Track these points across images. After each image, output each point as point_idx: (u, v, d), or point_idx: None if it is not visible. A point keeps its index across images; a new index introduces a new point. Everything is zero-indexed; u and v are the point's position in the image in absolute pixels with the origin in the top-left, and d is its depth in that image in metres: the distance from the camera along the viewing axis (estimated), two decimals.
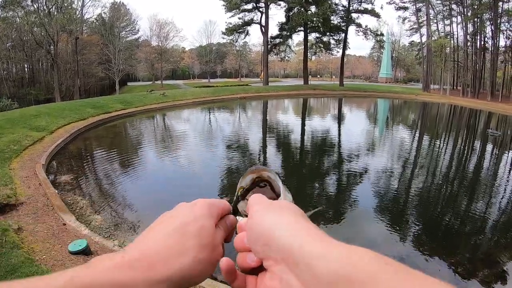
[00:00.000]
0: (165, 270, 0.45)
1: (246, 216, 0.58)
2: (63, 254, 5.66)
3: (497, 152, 17.62)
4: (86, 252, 5.69)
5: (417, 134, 22.47)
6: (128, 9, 64.32)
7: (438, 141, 20.20)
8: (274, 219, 0.48)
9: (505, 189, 11.33)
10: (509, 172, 13.78)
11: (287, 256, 0.41)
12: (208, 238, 0.53)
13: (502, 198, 10.46)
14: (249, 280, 0.52)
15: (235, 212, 0.66)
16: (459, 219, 8.88)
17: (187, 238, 0.51)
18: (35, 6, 43.97)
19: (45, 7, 44.62)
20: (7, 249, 5.48)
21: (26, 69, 51.05)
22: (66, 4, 47.17)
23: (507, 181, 12.28)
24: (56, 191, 8.84)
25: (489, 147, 18.70)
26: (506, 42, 46.01)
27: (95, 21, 58.91)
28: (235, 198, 0.68)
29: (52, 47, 45.13)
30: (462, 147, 19.18)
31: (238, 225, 0.59)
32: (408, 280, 0.32)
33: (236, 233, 0.58)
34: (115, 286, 0.41)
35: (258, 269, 0.51)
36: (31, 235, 6.24)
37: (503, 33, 45.40)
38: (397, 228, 8.06)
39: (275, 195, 0.71)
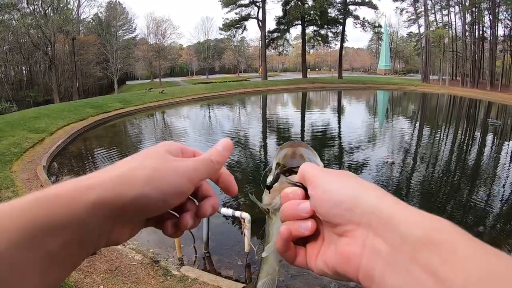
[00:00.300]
0: (96, 179, 0.42)
1: (297, 185, 0.54)
2: None
3: (498, 141, 17.58)
4: None
5: (417, 125, 22.43)
6: (124, 7, 64.26)
7: (439, 131, 20.16)
8: (353, 185, 0.46)
9: (506, 178, 11.31)
10: (511, 161, 13.77)
11: (375, 219, 0.41)
12: (154, 153, 0.49)
13: (504, 187, 10.45)
14: (300, 252, 0.51)
15: (270, 187, 0.61)
16: (461, 209, 8.87)
17: (135, 157, 0.48)
18: (31, 8, 43.96)
19: (41, 9, 44.58)
20: None
21: (24, 72, 50.99)
22: (62, 5, 47.14)
23: (509, 170, 12.27)
24: None
25: (489, 136, 18.66)
26: (504, 31, 46.04)
27: (91, 21, 58.79)
28: (275, 174, 0.61)
29: (49, 48, 45.06)
30: (463, 137, 19.15)
31: (283, 195, 0.55)
32: (483, 249, 0.35)
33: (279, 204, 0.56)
34: (92, 203, 0.39)
35: (305, 239, 0.51)
36: None
37: (502, 22, 45.40)
38: None
39: None
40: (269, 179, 0.63)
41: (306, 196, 0.51)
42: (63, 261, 0.39)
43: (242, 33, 58.65)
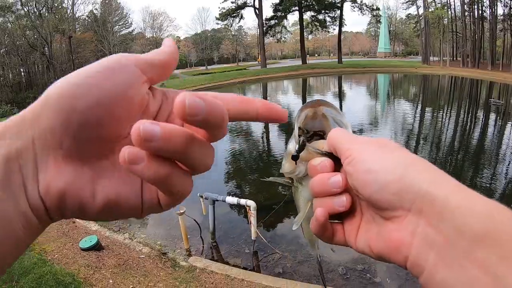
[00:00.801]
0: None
1: (326, 154, 0.49)
2: (75, 251, 5.68)
3: (501, 121, 17.52)
4: (97, 248, 5.71)
5: (419, 107, 22.38)
6: (119, 3, 63.88)
7: (441, 113, 20.10)
8: (399, 161, 0.41)
9: (510, 157, 11.29)
10: None
11: (427, 207, 0.36)
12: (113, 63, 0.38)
13: (507, 167, 10.43)
14: (337, 229, 0.48)
15: (297, 157, 0.53)
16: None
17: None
18: (26, 10, 43.83)
19: (35, 10, 44.45)
20: None
21: (22, 74, 50.88)
22: (56, 4, 46.95)
23: None
24: None
25: (492, 116, 18.59)
26: (504, 10, 45.66)
27: (87, 18, 58.64)
28: (300, 142, 0.53)
29: (46, 48, 45.02)
30: (465, 118, 19.10)
31: (310, 167, 0.50)
32: None
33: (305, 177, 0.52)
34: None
35: (340, 214, 0.47)
36: (42, 236, 6.24)
37: (501, 1, 45.02)
38: None
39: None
40: (290, 146, 0.56)
41: (336, 167, 0.47)
42: None
43: (239, 22, 58.66)
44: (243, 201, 5.53)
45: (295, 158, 0.53)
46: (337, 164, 0.47)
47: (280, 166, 0.58)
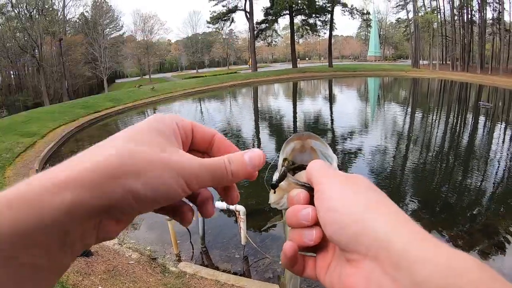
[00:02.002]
0: (67, 172, 0.35)
1: (304, 186, 0.48)
2: None
3: (489, 123, 17.72)
4: (86, 254, 5.66)
5: (409, 110, 22.53)
6: (110, 5, 63.62)
7: (431, 115, 20.28)
8: (362, 203, 0.40)
9: (499, 159, 11.42)
10: (503, 143, 13.89)
11: (383, 254, 0.35)
12: (154, 131, 0.42)
13: (497, 168, 10.55)
14: (308, 263, 0.46)
15: (275, 186, 0.54)
16: (456, 192, 8.94)
17: (116, 136, 0.41)
18: (16, 11, 43.43)
19: (26, 11, 44.06)
20: None
21: (12, 76, 50.49)
22: (47, 6, 46.60)
23: (501, 151, 12.38)
24: None
25: (481, 119, 18.80)
26: (493, 14, 46.11)
27: (77, 21, 58.29)
28: (281, 172, 0.54)
29: (36, 51, 44.56)
30: (455, 121, 19.29)
31: (289, 198, 0.49)
32: None
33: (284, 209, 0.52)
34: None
35: (315, 247, 0.45)
36: None
37: (490, 6, 45.49)
38: (396, 203, 8.08)
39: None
40: (275, 176, 0.55)
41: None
42: (44, 270, 0.33)
43: (230, 26, 58.69)
44: (232, 206, 5.53)
45: (273, 187, 0.54)
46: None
47: (272, 172, 0.58)
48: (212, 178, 0.44)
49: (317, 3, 50.75)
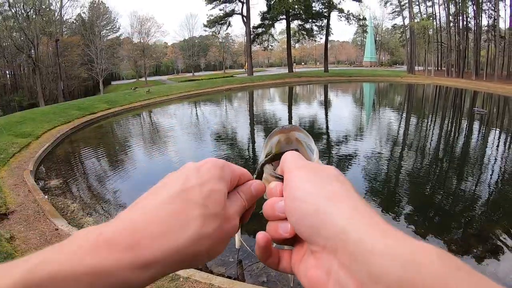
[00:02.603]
0: (154, 250, 0.36)
1: (279, 178, 0.49)
2: None
3: (484, 129, 17.82)
4: None
5: (404, 116, 22.60)
6: (108, 7, 63.61)
7: (426, 121, 20.35)
8: (324, 193, 0.39)
9: (493, 165, 11.48)
10: (497, 149, 13.96)
11: (341, 246, 0.34)
12: (218, 206, 0.43)
13: (491, 175, 10.60)
14: (284, 255, 0.45)
15: (260, 177, 0.55)
16: (450, 197, 8.97)
17: (188, 207, 0.41)
18: (13, 11, 43.28)
19: (23, 11, 43.93)
20: (0, 260, 5.41)
21: (7, 76, 50.27)
22: (44, 7, 46.49)
23: (495, 157, 12.45)
24: (46, 196, 8.75)
25: (476, 125, 18.90)
26: (488, 21, 46.51)
27: (74, 22, 58.21)
28: (261, 162, 0.57)
29: (32, 51, 44.42)
30: (449, 127, 19.36)
31: (268, 190, 0.50)
32: None
33: (265, 199, 0.50)
34: (84, 275, 0.32)
35: (292, 240, 0.44)
36: (24, 243, 6.18)
37: (485, 13, 45.89)
38: (390, 209, 8.12)
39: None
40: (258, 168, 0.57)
41: None
42: None
43: (226, 30, 58.61)
44: None
45: (258, 178, 0.55)
46: None
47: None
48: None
49: (313, 8, 50.90)
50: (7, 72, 50.14)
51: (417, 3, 54.60)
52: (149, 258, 0.35)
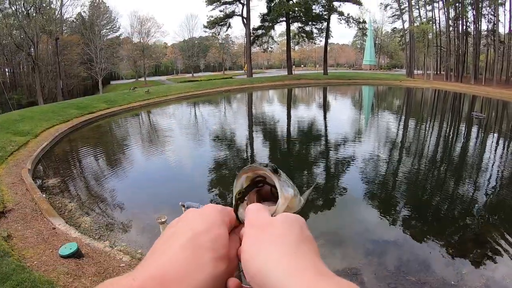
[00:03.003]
0: None
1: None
2: (54, 258, 5.61)
3: (482, 134, 17.87)
4: (77, 255, 5.65)
5: (403, 119, 22.64)
6: (108, 6, 63.57)
7: (425, 125, 20.39)
8: (268, 256, 0.44)
9: (491, 169, 11.52)
10: (495, 153, 14.01)
11: None
12: (224, 249, 0.49)
13: (489, 178, 10.64)
14: None
15: (237, 218, 0.60)
16: (448, 201, 8.99)
17: (202, 251, 0.46)
18: (13, 9, 43.16)
19: (23, 9, 43.83)
20: None
21: (7, 73, 50.13)
22: (44, 5, 46.39)
23: (493, 161, 12.49)
24: (44, 195, 8.76)
25: (474, 129, 18.96)
26: (488, 26, 46.59)
27: (74, 21, 58.12)
28: (234, 204, 0.62)
29: (32, 49, 44.28)
30: (448, 130, 19.41)
31: (240, 234, 0.55)
32: None
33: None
34: None
35: None
36: (21, 242, 6.19)
37: (485, 17, 45.97)
38: (388, 212, 8.14)
39: (275, 192, 0.63)
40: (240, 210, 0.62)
41: None
42: None
43: (226, 31, 58.57)
44: None
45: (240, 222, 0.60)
46: None
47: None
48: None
49: (314, 11, 50.85)
50: (6, 70, 49.97)
51: (417, 7, 54.74)
52: None
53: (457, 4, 46.81)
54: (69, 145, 16.55)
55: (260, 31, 54.90)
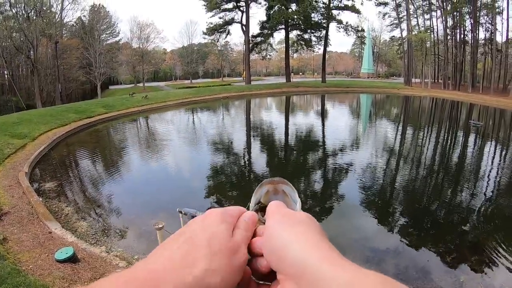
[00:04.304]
0: (167, 282, 0.43)
1: (264, 223, 0.58)
2: (50, 262, 5.58)
3: (480, 142, 17.92)
4: (73, 260, 5.62)
5: (401, 128, 22.70)
6: (108, 11, 63.68)
7: (422, 133, 20.44)
8: (289, 234, 0.48)
9: (488, 177, 11.53)
10: (493, 161, 14.03)
11: (299, 273, 0.41)
12: (220, 244, 0.50)
13: (486, 186, 10.65)
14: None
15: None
16: (445, 208, 8.98)
17: (195, 249, 0.49)
18: (14, 11, 43.19)
19: (23, 12, 43.86)
20: None
21: (6, 76, 50.05)
22: (45, 8, 46.43)
23: (491, 169, 12.51)
24: (41, 199, 8.72)
25: (472, 137, 19.02)
26: (485, 34, 46.81)
27: (74, 25, 58.12)
28: (252, 208, 0.68)
29: (31, 52, 44.27)
30: (446, 138, 19.46)
31: (256, 230, 0.58)
32: None
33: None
34: None
35: (271, 277, 0.51)
36: (17, 245, 6.15)
37: (482, 26, 46.18)
38: (386, 220, 8.13)
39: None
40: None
41: None
42: None
43: (226, 38, 58.88)
44: None
45: None
46: None
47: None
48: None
49: (312, 19, 51.09)
50: (6, 72, 49.89)
51: (415, 16, 55.03)
52: None
53: (455, 13, 47.06)
54: (67, 149, 16.50)
55: (259, 39, 55.04)
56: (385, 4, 56.93)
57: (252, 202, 0.69)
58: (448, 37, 50.74)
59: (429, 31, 53.29)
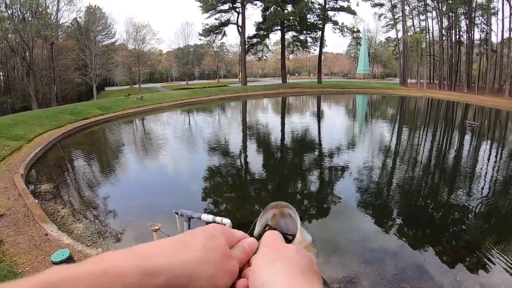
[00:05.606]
0: (162, 261, 0.45)
1: None
2: (47, 265, 5.56)
3: (475, 142, 17.98)
4: (69, 262, 5.59)
5: (397, 128, 22.73)
6: (104, 12, 63.61)
7: (418, 133, 20.49)
8: (270, 272, 0.50)
9: (484, 177, 11.57)
10: (488, 160, 14.07)
11: None
12: (218, 243, 0.54)
13: (482, 186, 10.67)
14: None
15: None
16: (441, 209, 9.00)
17: (194, 242, 0.52)
18: (9, 12, 43.06)
19: (19, 13, 43.76)
20: None
21: (1, 77, 49.88)
22: (40, 9, 46.32)
23: (486, 169, 12.54)
24: (36, 201, 8.69)
25: (468, 137, 19.08)
26: (480, 35, 47.13)
27: (70, 26, 57.99)
28: (258, 233, 0.70)
29: (27, 53, 44.20)
30: (441, 138, 19.50)
31: (251, 260, 0.59)
32: None
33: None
34: (105, 273, 0.39)
35: None
36: (13, 247, 6.12)
37: (478, 27, 46.50)
38: (383, 220, 8.13)
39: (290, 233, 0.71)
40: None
41: None
42: None
43: (221, 39, 58.78)
44: (218, 219, 5.47)
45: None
46: None
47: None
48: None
49: (308, 20, 51.22)
50: (1, 73, 49.68)
51: (410, 17, 55.28)
52: (157, 265, 0.43)
53: (451, 14, 47.30)
54: (63, 151, 16.40)
55: (255, 40, 55.06)
56: (381, 5, 57.21)
57: (257, 227, 0.71)
58: (444, 37, 51.03)
59: (424, 31, 53.59)
